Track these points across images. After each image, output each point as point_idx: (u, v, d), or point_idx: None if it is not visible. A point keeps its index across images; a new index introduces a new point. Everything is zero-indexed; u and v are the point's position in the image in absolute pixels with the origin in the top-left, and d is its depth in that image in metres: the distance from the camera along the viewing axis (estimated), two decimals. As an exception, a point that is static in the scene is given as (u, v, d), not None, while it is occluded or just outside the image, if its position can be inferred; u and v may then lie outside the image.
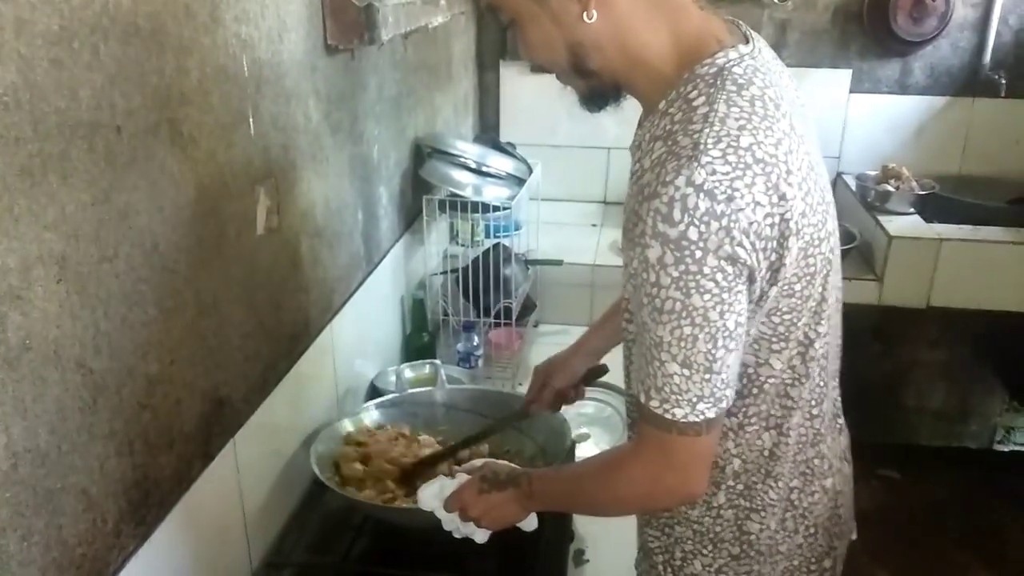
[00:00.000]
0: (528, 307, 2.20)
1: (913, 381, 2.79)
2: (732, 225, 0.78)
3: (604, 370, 1.36)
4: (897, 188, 2.67)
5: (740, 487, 0.99)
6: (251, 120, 1.16)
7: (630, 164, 0.93)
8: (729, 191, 0.77)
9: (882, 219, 2.58)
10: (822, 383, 0.99)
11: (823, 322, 0.93)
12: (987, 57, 2.74)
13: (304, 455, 1.36)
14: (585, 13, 0.85)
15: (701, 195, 0.77)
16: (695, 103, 0.83)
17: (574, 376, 1.35)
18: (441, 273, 2.15)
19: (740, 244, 0.79)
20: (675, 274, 0.78)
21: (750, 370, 0.93)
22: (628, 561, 1.35)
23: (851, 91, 2.84)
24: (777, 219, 0.81)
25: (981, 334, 2.69)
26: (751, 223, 0.79)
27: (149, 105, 0.92)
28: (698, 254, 0.78)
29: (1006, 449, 2.96)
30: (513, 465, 1.11)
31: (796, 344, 0.92)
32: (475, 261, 2.01)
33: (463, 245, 2.32)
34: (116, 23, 0.85)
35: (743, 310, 0.83)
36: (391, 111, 1.84)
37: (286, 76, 1.27)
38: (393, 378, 1.78)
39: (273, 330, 1.28)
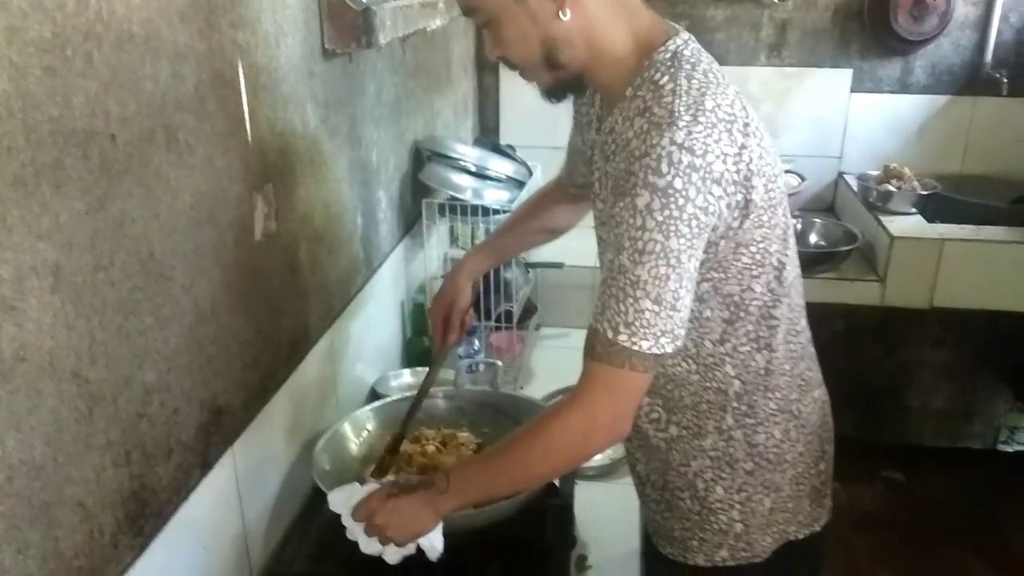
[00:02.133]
0: (529, 310, 2.19)
1: (916, 382, 2.78)
2: (707, 176, 0.91)
3: (478, 290, 1.50)
4: (899, 188, 2.66)
5: (744, 407, 1.10)
6: (248, 126, 1.15)
7: (601, 144, 1.08)
8: (704, 146, 0.91)
9: (884, 219, 2.57)
10: (799, 302, 1.13)
11: (789, 249, 1.07)
12: (988, 55, 2.74)
13: (304, 462, 1.35)
14: (560, 12, 0.97)
15: (683, 151, 0.90)
16: (660, 82, 0.97)
17: (466, 295, 1.44)
18: (442, 277, 2.13)
19: (711, 192, 0.92)
20: (660, 218, 0.90)
21: (736, 298, 1.05)
22: (631, 565, 1.34)
23: (852, 90, 2.84)
24: (742, 165, 0.95)
25: (984, 334, 2.68)
26: (722, 172, 0.93)
27: (144, 112, 0.91)
28: (680, 201, 0.90)
29: (1010, 449, 2.94)
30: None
31: (772, 269, 1.05)
32: (475, 264, 2.00)
33: (463, 248, 2.32)
34: (110, 30, 0.84)
35: (700, 255, 0.96)
36: (390, 115, 1.83)
37: (283, 81, 1.26)
38: (393, 383, 1.78)
39: (272, 336, 1.27)
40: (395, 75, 1.85)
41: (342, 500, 1.07)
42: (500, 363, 1.74)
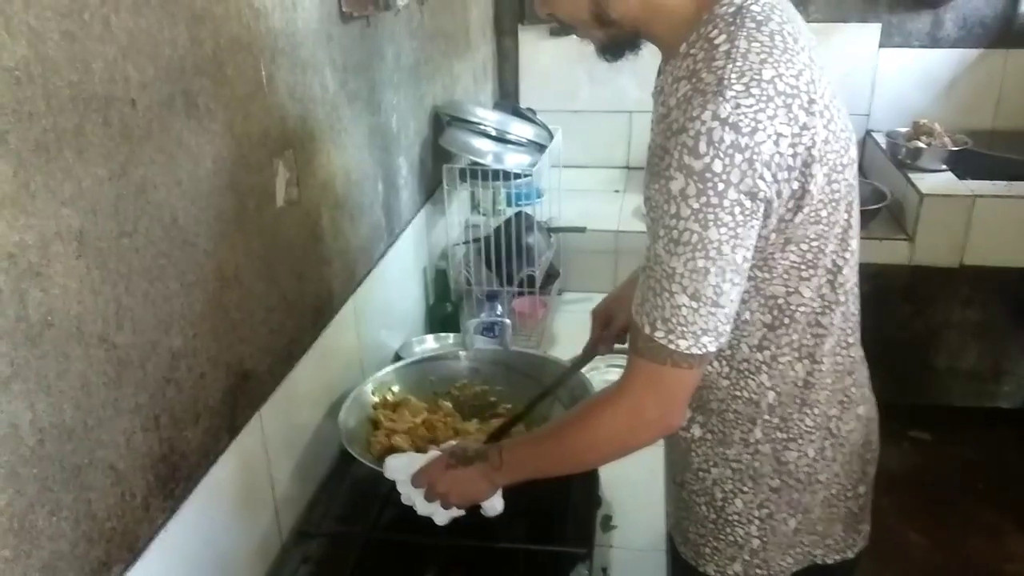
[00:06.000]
0: (551, 275, 2.18)
1: (945, 341, 2.74)
2: (755, 157, 0.80)
3: None
4: (929, 145, 2.60)
5: (776, 420, 1.02)
6: (267, 91, 1.15)
7: (652, 109, 0.95)
8: (753, 123, 0.80)
9: (913, 177, 2.53)
10: (855, 311, 1.02)
11: (849, 250, 0.96)
12: (1022, 6, 2.66)
13: (331, 426, 1.36)
14: None
15: (727, 128, 0.79)
16: (716, 41, 0.85)
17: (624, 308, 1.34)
18: (463, 243, 2.13)
19: (761, 176, 0.81)
20: (696, 206, 0.80)
21: (780, 301, 0.95)
22: (656, 527, 1.34)
23: (880, 46, 2.77)
24: (801, 148, 0.83)
25: (1015, 293, 2.63)
26: (772, 155, 0.81)
27: (163, 77, 0.91)
28: (720, 186, 0.80)
29: (1041, 409, 2.91)
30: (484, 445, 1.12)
31: (825, 272, 0.94)
32: (497, 230, 1.99)
33: (484, 214, 2.31)
34: (126, -6, 0.84)
35: (752, 246, 0.85)
36: (409, 79, 1.82)
37: (301, 45, 1.25)
38: (417, 348, 1.78)
39: (296, 302, 1.28)
40: (413, 39, 1.83)
41: (400, 467, 1.11)
42: (508, 321, 1.74)
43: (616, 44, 0.96)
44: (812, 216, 0.89)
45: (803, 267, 0.93)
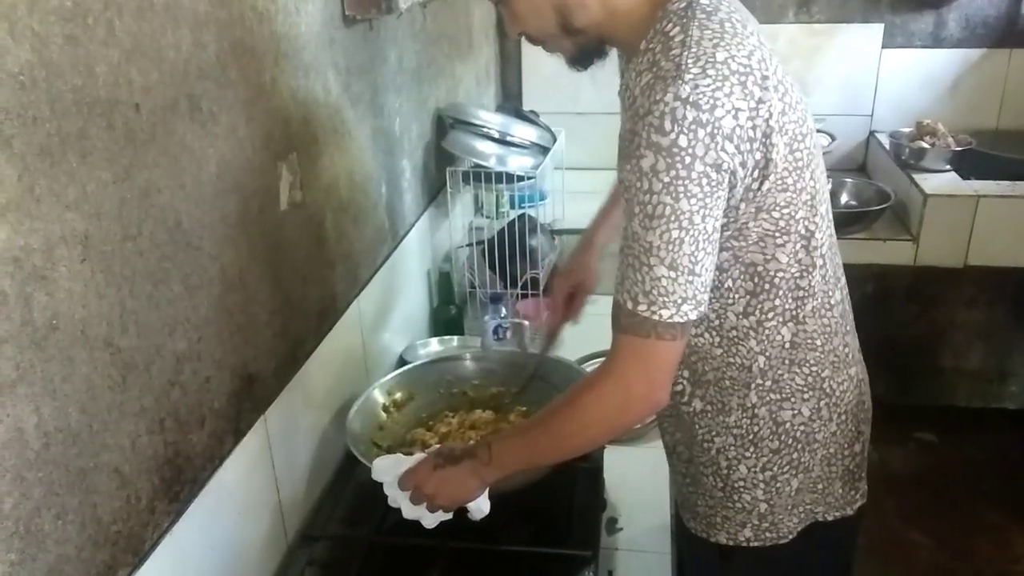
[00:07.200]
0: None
1: (950, 342, 2.73)
2: (716, 131, 0.86)
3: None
4: (932, 145, 2.60)
5: (768, 383, 1.06)
6: (270, 94, 1.15)
7: (620, 107, 1.01)
8: (712, 101, 0.85)
9: (917, 177, 2.52)
10: (832, 274, 1.06)
11: (819, 214, 1.01)
12: (1025, 6, 2.65)
13: (336, 429, 1.36)
14: None
15: (688, 107, 0.85)
16: (671, 33, 0.91)
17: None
18: (467, 245, 2.13)
19: (723, 149, 0.86)
20: (666, 179, 0.86)
21: (760, 268, 1.00)
22: (661, 529, 1.34)
23: (883, 46, 2.77)
24: (759, 121, 0.89)
25: (1020, 292, 2.62)
26: (733, 128, 0.87)
27: (167, 81, 0.91)
28: (687, 160, 0.85)
29: (1046, 410, 2.89)
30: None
31: (799, 237, 0.99)
32: (501, 232, 1.99)
33: (488, 217, 2.31)
34: (130, -2, 0.84)
35: (719, 216, 0.91)
36: (412, 82, 1.82)
37: (304, 49, 1.25)
38: (422, 351, 1.78)
39: (300, 305, 1.28)
40: (416, 42, 1.83)
41: (387, 468, 1.10)
42: (527, 323, 1.74)
43: (584, 52, 1.03)
44: (779, 184, 0.94)
45: (777, 234, 0.97)
